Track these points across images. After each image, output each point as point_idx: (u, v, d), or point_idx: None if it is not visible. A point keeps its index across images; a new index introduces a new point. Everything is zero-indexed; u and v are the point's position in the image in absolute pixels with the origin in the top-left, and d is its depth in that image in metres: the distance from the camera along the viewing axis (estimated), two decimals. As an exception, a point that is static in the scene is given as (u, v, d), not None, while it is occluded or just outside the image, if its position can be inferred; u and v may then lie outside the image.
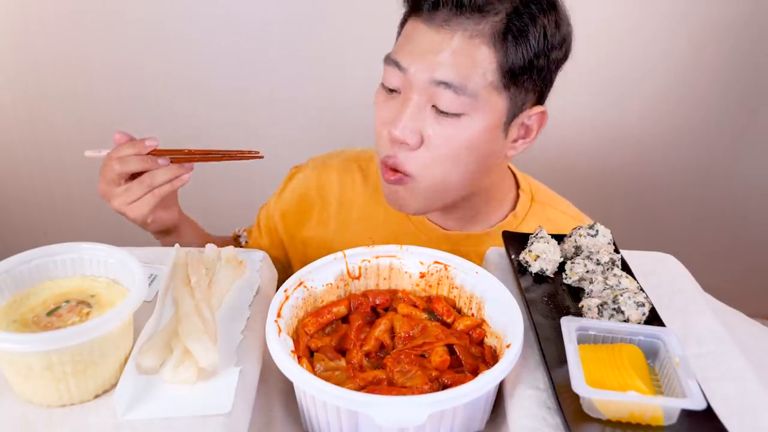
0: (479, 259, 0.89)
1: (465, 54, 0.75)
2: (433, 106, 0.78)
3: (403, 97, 0.79)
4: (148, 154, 0.84)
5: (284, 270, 1.01)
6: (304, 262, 1.02)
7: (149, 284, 0.72)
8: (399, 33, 0.83)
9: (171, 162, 0.85)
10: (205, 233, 1.03)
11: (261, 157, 0.87)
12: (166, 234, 0.94)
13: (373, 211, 0.97)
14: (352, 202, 0.99)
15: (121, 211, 0.85)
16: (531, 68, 0.77)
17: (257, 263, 0.76)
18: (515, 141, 0.84)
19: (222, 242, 1.04)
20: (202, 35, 1.75)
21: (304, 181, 1.02)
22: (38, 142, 1.87)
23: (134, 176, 0.84)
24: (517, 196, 0.96)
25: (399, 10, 0.83)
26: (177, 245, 0.74)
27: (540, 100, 0.83)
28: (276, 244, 1.06)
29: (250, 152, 0.87)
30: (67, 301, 0.61)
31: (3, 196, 1.95)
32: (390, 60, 0.80)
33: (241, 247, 1.07)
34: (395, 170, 0.82)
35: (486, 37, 0.75)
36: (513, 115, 0.80)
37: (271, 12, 1.71)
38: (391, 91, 0.81)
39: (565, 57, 0.82)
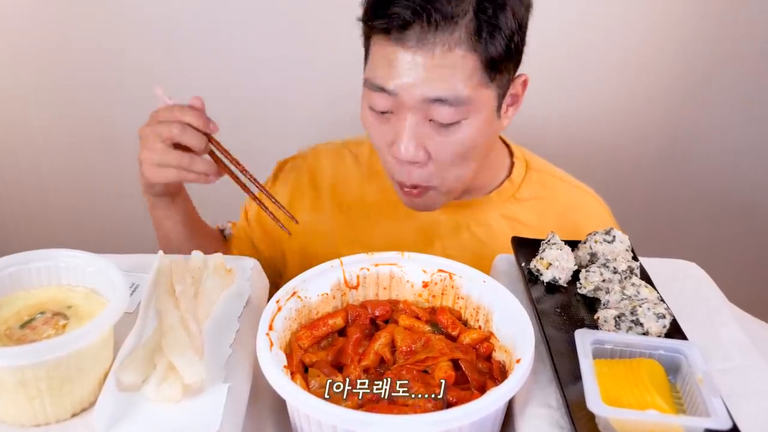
0: (479, 228, 0.98)
1: (449, 66, 0.79)
2: (431, 120, 0.82)
3: (397, 117, 0.84)
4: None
5: (269, 266, 1.03)
6: (303, 253, 1.02)
7: (131, 294, 0.72)
8: (366, 48, 0.87)
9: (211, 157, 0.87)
10: (197, 215, 1.04)
11: (289, 228, 0.89)
12: (163, 196, 0.94)
13: (368, 193, 1.03)
14: (346, 185, 1.05)
15: (142, 164, 0.86)
16: (509, 51, 0.82)
17: (247, 272, 0.76)
18: (506, 112, 0.91)
19: (211, 232, 1.07)
20: (191, 25, 1.75)
21: (294, 171, 1.08)
22: (12, 145, 1.87)
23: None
24: (512, 164, 1.02)
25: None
26: (160, 252, 0.74)
27: (517, 67, 0.88)
28: (267, 235, 1.08)
29: (286, 213, 0.89)
30: (42, 313, 0.61)
31: (-25, 202, 1.95)
32: (373, 86, 0.83)
33: (224, 239, 1.09)
34: (416, 187, 0.88)
35: (463, 44, 0.79)
36: (502, 97, 0.87)
37: (264, 7, 1.72)
38: (383, 113, 0.85)
39: (529, 14, 0.87)
